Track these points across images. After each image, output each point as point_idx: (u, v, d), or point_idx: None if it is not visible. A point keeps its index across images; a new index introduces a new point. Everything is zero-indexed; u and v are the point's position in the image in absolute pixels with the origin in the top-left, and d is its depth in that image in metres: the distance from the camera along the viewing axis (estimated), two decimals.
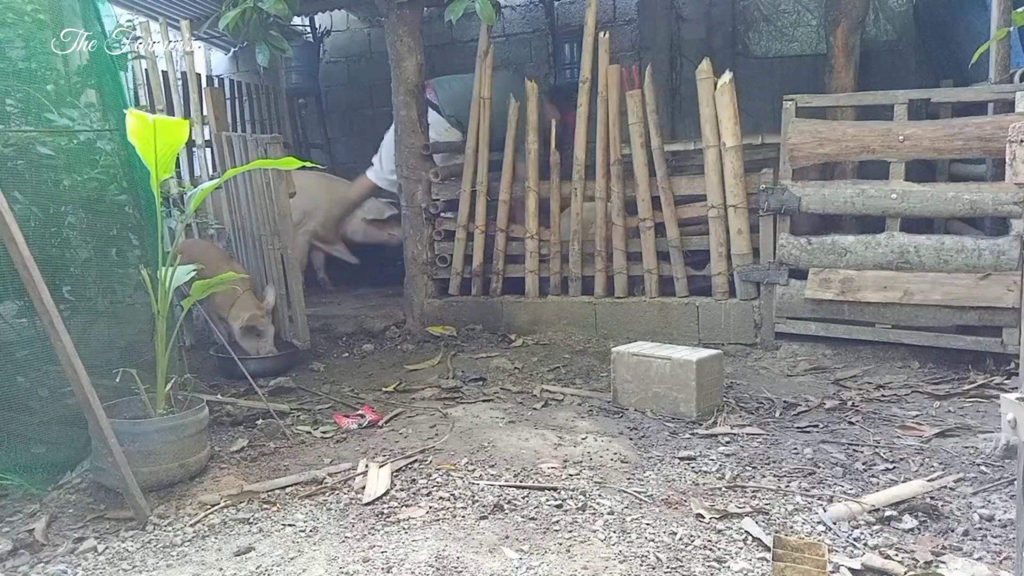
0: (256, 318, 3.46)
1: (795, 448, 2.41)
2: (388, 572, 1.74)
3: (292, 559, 1.82)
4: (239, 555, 1.86)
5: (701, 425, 2.65)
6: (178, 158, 2.38)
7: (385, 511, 2.06)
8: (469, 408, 2.93)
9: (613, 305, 3.93)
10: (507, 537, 1.89)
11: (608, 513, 2.00)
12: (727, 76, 3.53)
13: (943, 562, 1.70)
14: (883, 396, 2.90)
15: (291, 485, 2.26)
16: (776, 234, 3.49)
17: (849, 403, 2.83)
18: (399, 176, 4.30)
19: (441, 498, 2.12)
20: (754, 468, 2.27)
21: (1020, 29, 3.21)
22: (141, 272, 2.30)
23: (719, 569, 1.71)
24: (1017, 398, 1.27)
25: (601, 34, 3.86)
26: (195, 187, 2.83)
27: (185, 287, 2.46)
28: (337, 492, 2.21)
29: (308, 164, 3.09)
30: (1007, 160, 1.38)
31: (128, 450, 2.09)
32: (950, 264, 3.10)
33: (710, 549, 1.80)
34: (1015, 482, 1.44)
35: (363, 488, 2.20)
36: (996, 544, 1.78)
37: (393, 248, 4.81)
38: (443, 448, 2.51)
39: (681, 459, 2.36)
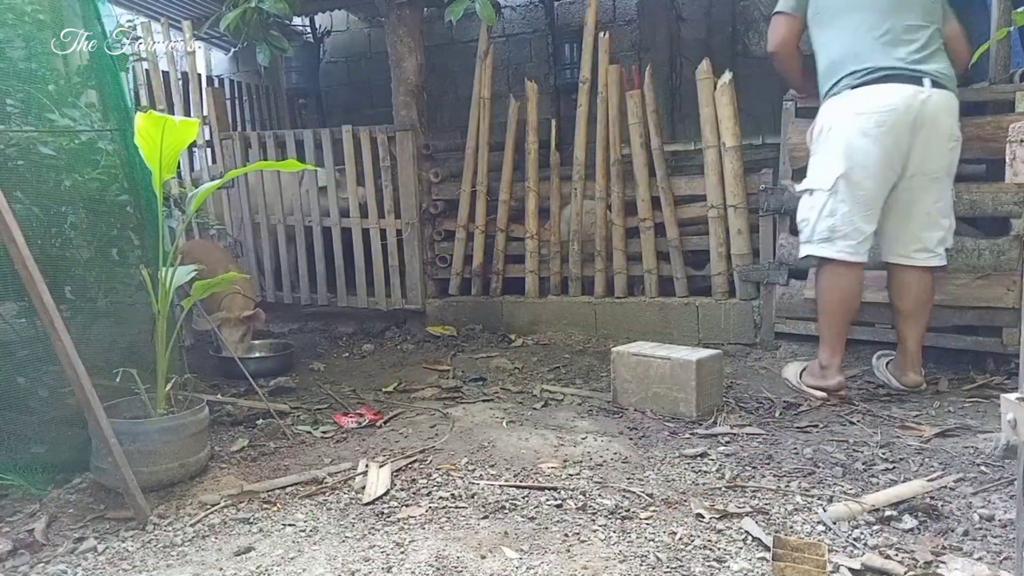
0: (218, 318, 3.49)
1: (795, 448, 2.41)
2: (388, 572, 1.74)
3: (292, 559, 1.82)
4: (239, 555, 1.86)
5: (701, 425, 2.65)
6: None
7: (385, 511, 2.06)
8: (469, 408, 2.94)
9: (613, 305, 3.93)
10: (507, 537, 1.89)
11: (608, 513, 2.00)
12: (727, 76, 3.54)
13: (943, 562, 1.70)
14: (883, 396, 2.90)
15: (291, 485, 2.26)
16: (776, 234, 3.49)
17: (849, 403, 2.83)
18: None
19: (441, 498, 2.12)
20: (754, 468, 2.27)
21: (1020, 29, 3.20)
22: (141, 272, 2.30)
23: (719, 569, 1.71)
24: (1017, 398, 1.27)
25: (601, 34, 3.86)
26: (196, 187, 2.83)
27: (186, 287, 2.47)
28: (337, 492, 2.21)
29: (309, 166, 3.10)
30: (1007, 160, 1.38)
31: (128, 450, 2.09)
32: (950, 264, 3.09)
33: (710, 549, 1.80)
34: (1015, 482, 1.44)
35: (363, 488, 2.20)
36: (996, 544, 1.78)
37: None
38: (443, 448, 2.52)
39: (681, 459, 2.36)
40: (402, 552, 1.83)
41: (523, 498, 2.10)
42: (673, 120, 5.16)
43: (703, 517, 1.95)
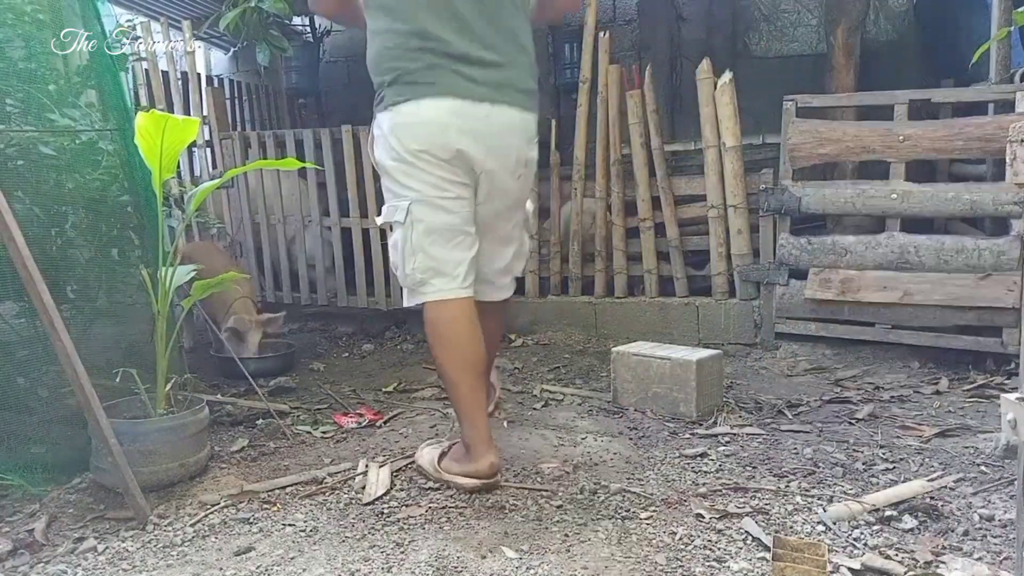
0: (240, 321, 3.48)
1: (795, 448, 2.41)
2: (388, 572, 1.74)
3: (292, 559, 1.82)
4: (239, 555, 1.86)
5: (701, 425, 2.65)
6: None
7: (385, 511, 2.06)
8: None
9: (613, 305, 3.93)
10: (507, 537, 1.89)
11: (608, 513, 2.00)
12: (727, 76, 3.53)
13: (943, 562, 1.70)
14: (883, 396, 2.90)
15: (291, 485, 2.26)
16: (776, 234, 3.49)
17: (849, 403, 2.83)
18: None
19: (441, 498, 2.12)
20: (754, 468, 2.27)
21: (1020, 29, 3.21)
22: (141, 272, 2.30)
23: (719, 569, 1.71)
24: (1017, 398, 1.27)
25: (601, 34, 3.86)
26: (196, 187, 2.83)
27: (186, 287, 2.47)
28: (337, 492, 2.21)
29: (309, 164, 3.10)
30: (1007, 160, 1.38)
31: (128, 450, 2.09)
32: (950, 264, 3.10)
33: (710, 549, 1.80)
34: (1015, 482, 1.44)
35: (363, 488, 2.20)
36: (996, 544, 1.78)
37: None
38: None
39: (681, 459, 2.36)
40: (402, 552, 1.83)
41: (523, 498, 2.10)
42: (673, 120, 5.16)
43: (703, 517, 1.94)
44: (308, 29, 6.10)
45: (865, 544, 1.79)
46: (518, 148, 2.25)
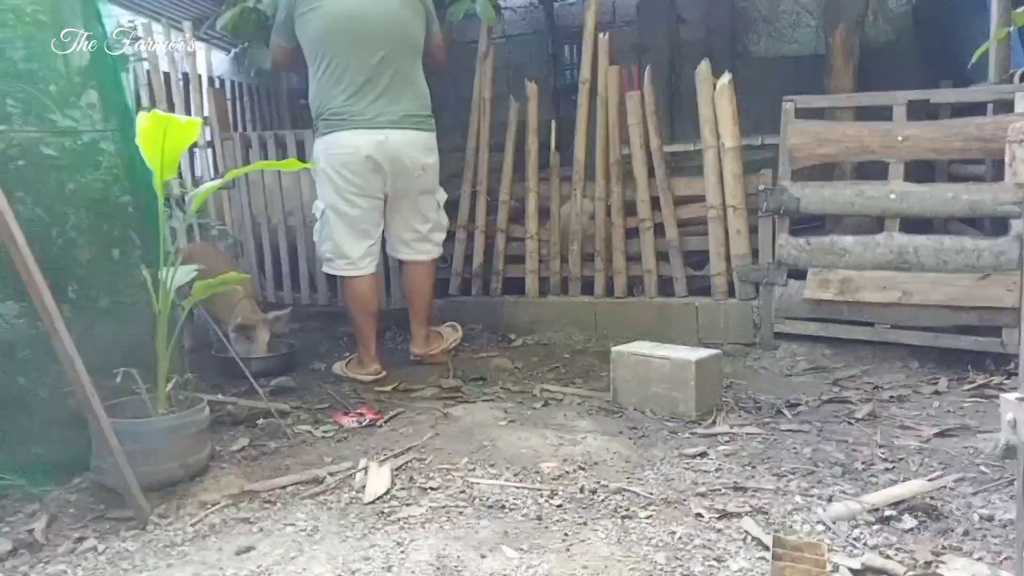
0: (248, 319, 3.47)
1: (794, 448, 2.42)
2: (388, 571, 1.75)
3: (293, 558, 1.83)
4: (240, 554, 1.86)
5: (700, 425, 2.65)
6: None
7: (385, 510, 2.07)
8: (469, 408, 2.94)
9: (613, 305, 3.93)
10: (507, 536, 1.89)
11: (608, 513, 2.00)
12: (726, 77, 3.54)
13: (943, 562, 1.70)
14: (882, 396, 2.91)
15: (292, 484, 2.26)
16: (775, 235, 3.50)
17: (848, 403, 2.83)
18: None
19: (441, 497, 2.13)
20: (753, 468, 2.27)
21: (1020, 29, 3.21)
22: (143, 272, 2.30)
23: (718, 568, 1.71)
24: (1017, 398, 1.27)
25: (601, 35, 3.86)
26: (197, 188, 2.83)
27: (187, 287, 2.47)
28: (338, 491, 2.21)
29: (310, 165, 3.11)
30: (1007, 160, 1.38)
31: (129, 450, 2.09)
32: (949, 264, 3.10)
33: (709, 548, 1.80)
34: (1015, 482, 1.44)
35: (363, 487, 2.21)
36: (996, 544, 1.78)
37: None
38: (443, 447, 2.52)
39: (680, 458, 2.36)
40: (402, 551, 1.83)
41: (523, 497, 2.11)
42: (673, 121, 5.16)
43: (703, 516, 1.95)
44: None
45: (865, 544, 1.79)
46: (412, 157, 3.24)
